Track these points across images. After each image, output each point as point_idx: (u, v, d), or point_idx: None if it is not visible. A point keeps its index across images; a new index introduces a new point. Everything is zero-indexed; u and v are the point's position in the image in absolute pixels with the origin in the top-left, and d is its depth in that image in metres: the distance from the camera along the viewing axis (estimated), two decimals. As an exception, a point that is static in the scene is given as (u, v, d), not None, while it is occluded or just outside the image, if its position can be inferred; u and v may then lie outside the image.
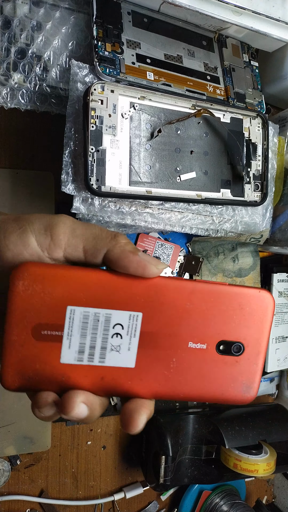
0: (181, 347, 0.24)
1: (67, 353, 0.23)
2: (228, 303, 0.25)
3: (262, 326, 0.25)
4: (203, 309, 0.25)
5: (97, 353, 0.23)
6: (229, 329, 0.25)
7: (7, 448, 0.47)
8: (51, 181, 0.47)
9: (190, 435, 0.52)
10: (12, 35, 0.41)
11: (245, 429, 0.50)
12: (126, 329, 0.24)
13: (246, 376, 0.26)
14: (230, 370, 0.25)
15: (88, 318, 0.23)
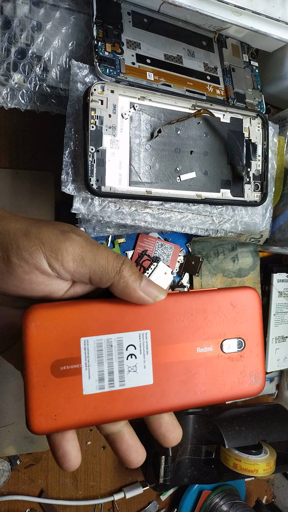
0: (191, 354, 0.26)
1: (88, 384, 0.23)
2: (222, 305, 0.27)
3: (255, 319, 0.27)
4: (202, 315, 0.26)
5: (116, 377, 0.24)
6: (228, 328, 0.27)
7: (7, 448, 0.47)
8: (51, 181, 0.47)
9: (190, 435, 0.52)
10: (12, 35, 0.41)
11: (245, 429, 0.50)
12: (139, 348, 0.25)
13: (252, 368, 0.27)
14: (237, 366, 0.27)
15: (101, 345, 0.24)
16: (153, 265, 0.52)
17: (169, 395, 0.25)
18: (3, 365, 0.46)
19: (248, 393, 0.27)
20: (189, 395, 0.26)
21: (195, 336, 0.26)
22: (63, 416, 0.23)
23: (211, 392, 0.26)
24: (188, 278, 0.55)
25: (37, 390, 0.22)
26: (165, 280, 0.53)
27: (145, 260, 0.52)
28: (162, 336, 0.25)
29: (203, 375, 0.26)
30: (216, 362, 0.26)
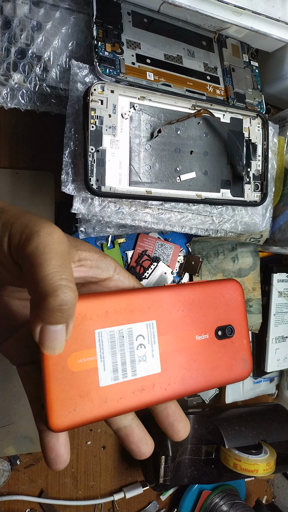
0: (191, 342, 0.27)
1: (104, 376, 0.24)
2: (213, 295, 0.29)
3: (240, 307, 0.30)
4: (198, 305, 0.28)
5: (128, 367, 0.25)
6: (220, 316, 0.29)
7: (7, 448, 0.47)
8: (51, 181, 0.47)
9: (190, 435, 0.52)
10: (12, 35, 0.41)
11: (245, 429, 0.50)
12: (147, 338, 0.26)
13: (242, 352, 0.30)
14: (230, 351, 0.29)
15: (114, 337, 0.24)
16: (153, 265, 0.52)
17: (175, 382, 0.26)
18: (3, 365, 0.46)
19: (240, 376, 0.29)
20: (192, 381, 0.27)
21: (193, 324, 0.27)
22: (82, 411, 0.23)
23: (210, 377, 0.28)
24: (188, 278, 0.55)
25: (57, 386, 0.22)
26: (165, 280, 0.53)
27: (145, 260, 0.52)
28: (166, 326, 0.26)
29: (203, 361, 0.27)
30: (213, 349, 0.28)
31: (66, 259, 0.21)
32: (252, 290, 0.56)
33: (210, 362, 0.28)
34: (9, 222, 0.22)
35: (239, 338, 0.29)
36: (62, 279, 0.20)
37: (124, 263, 0.52)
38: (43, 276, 0.19)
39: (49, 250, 0.20)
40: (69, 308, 0.20)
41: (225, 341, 0.29)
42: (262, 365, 0.58)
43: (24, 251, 0.20)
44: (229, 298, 0.29)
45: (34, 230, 0.20)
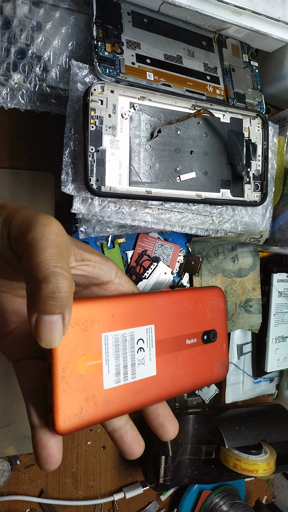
0: (182, 346, 0.28)
1: (107, 378, 0.24)
2: (201, 301, 0.30)
3: (222, 313, 0.32)
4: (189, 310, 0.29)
5: (129, 370, 0.25)
6: (205, 322, 0.30)
7: (7, 448, 0.47)
8: (51, 181, 0.47)
9: (190, 435, 0.52)
10: (12, 35, 0.41)
11: (245, 429, 0.50)
12: (146, 342, 0.26)
13: (221, 355, 0.31)
14: (212, 354, 0.31)
15: (118, 340, 0.25)
16: (153, 265, 0.52)
17: (168, 384, 0.27)
18: (3, 365, 0.46)
19: (219, 377, 0.31)
20: (181, 382, 0.28)
21: (184, 329, 0.29)
22: (87, 413, 0.23)
23: (196, 378, 0.29)
24: (188, 278, 0.55)
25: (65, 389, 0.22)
26: (165, 280, 0.53)
27: (145, 260, 0.52)
28: (161, 330, 0.27)
29: (191, 364, 0.29)
30: (199, 352, 0.29)
31: (62, 249, 0.21)
32: (252, 290, 0.56)
33: (196, 365, 0.29)
34: (8, 216, 0.22)
35: (220, 342, 0.31)
36: (56, 267, 0.19)
37: (124, 263, 0.52)
38: (37, 262, 0.19)
39: (45, 240, 0.20)
40: (62, 296, 0.19)
41: (209, 345, 0.30)
42: (262, 365, 0.58)
43: (23, 241, 0.20)
44: (214, 304, 0.31)
45: (33, 222, 0.21)
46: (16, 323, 0.26)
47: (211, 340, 0.30)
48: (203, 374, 0.30)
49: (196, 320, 0.30)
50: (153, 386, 0.26)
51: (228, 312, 0.55)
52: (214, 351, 0.31)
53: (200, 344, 0.30)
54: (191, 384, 0.29)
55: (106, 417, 0.24)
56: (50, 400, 0.22)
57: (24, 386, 0.25)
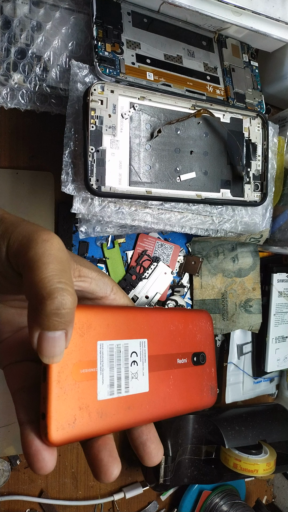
0: (174, 365, 0.28)
1: (102, 389, 0.23)
2: (191, 322, 0.30)
3: (210, 335, 0.31)
4: (180, 329, 0.29)
5: (123, 383, 0.24)
6: (195, 343, 0.30)
7: (7, 448, 0.47)
8: (51, 181, 0.47)
9: (190, 435, 0.52)
10: (12, 35, 0.41)
11: (245, 429, 0.50)
12: (139, 356, 0.26)
13: (210, 380, 0.30)
14: (201, 377, 0.30)
15: (113, 350, 0.24)
16: (153, 265, 0.52)
17: (160, 403, 0.26)
18: (3, 365, 0.46)
19: (207, 403, 0.30)
20: (171, 403, 0.27)
21: (176, 348, 0.28)
22: (80, 424, 0.22)
23: (186, 401, 0.28)
24: (188, 278, 0.55)
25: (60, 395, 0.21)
26: (165, 280, 0.53)
27: (145, 260, 0.52)
28: (154, 346, 0.27)
29: (183, 385, 0.28)
30: (189, 373, 0.29)
31: (65, 264, 0.20)
32: (252, 290, 0.56)
33: (187, 386, 0.28)
34: (7, 231, 0.21)
35: (209, 366, 0.30)
36: (60, 282, 0.19)
37: (124, 263, 0.52)
38: (40, 278, 0.19)
39: (48, 255, 0.20)
40: (67, 312, 0.19)
41: (198, 368, 0.30)
42: (262, 365, 0.58)
43: (23, 257, 0.20)
44: (202, 327, 0.31)
45: (33, 237, 0.20)
46: (9, 332, 0.26)
47: (201, 363, 0.30)
48: (194, 397, 0.29)
49: (186, 340, 0.29)
50: (146, 403, 0.25)
51: (228, 312, 0.55)
52: (204, 375, 0.30)
53: (190, 365, 0.29)
54: (181, 406, 0.28)
55: (98, 431, 0.22)
56: (44, 406, 0.21)
57: (12, 385, 0.25)
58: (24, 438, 0.21)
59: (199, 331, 0.30)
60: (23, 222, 0.22)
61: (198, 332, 0.30)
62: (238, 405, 0.61)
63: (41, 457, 0.21)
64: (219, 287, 0.55)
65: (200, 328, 0.30)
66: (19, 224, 0.22)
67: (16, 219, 0.22)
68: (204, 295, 0.55)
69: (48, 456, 0.21)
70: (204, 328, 0.31)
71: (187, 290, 0.55)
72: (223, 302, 0.55)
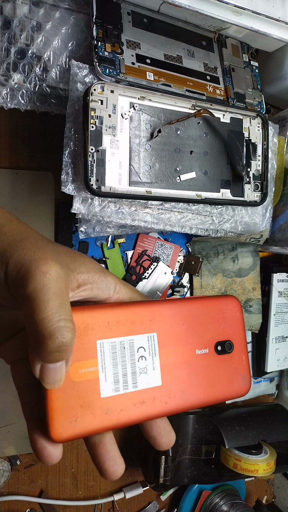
0: (192, 356, 0.27)
1: (105, 386, 0.24)
2: (213, 310, 0.29)
3: (239, 323, 0.30)
4: (198, 319, 0.28)
5: (129, 379, 0.25)
6: (219, 331, 0.29)
7: (7, 448, 0.47)
8: (51, 181, 0.47)
9: (190, 435, 0.52)
10: (12, 35, 0.41)
11: (245, 429, 0.50)
12: (148, 350, 0.26)
13: (241, 368, 0.29)
14: (229, 366, 0.29)
15: (115, 348, 0.24)
16: (153, 265, 0.52)
17: (175, 396, 0.26)
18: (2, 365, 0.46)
19: (238, 393, 0.29)
20: (192, 395, 0.26)
21: (193, 338, 0.27)
22: (83, 421, 0.22)
23: (209, 392, 0.27)
24: (188, 278, 0.55)
25: (59, 394, 0.22)
26: (165, 280, 0.53)
27: (145, 260, 0.52)
28: (166, 339, 0.26)
29: (203, 375, 0.27)
30: (212, 363, 0.28)
31: (64, 296, 0.21)
32: (252, 290, 0.56)
33: (210, 377, 0.27)
34: (5, 254, 0.21)
35: (238, 353, 0.29)
36: (60, 320, 0.20)
37: (124, 263, 0.52)
38: (41, 318, 0.20)
39: (47, 291, 0.20)
40: (67, 347, 0.20)
41: (224, 356, 0.28)
42: (262, 365, 0.58)
43: (22, 291, 0.20)
44: (228, 314, 0.29)
45: (32, 269, 0.20)
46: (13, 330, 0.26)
47: (227, 351, 0.29)
48: (219, 388, 0.28)
49: (208, 329, 0.28)
50: (159, 397, 0.25)
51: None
52: (231, 364, 0.29)
53: (213, 355, 0.28)
54: (205, 397, 0.27)
55: (105, 427, 0.23)
56: (44, 405, 0.22)
57: (17, 382, 0.25)
58: (30, 434, 0.23)
59: (224, 319, 0.29)
60: (21, 243, 0.22)
61: (222, 320, 0.29)
62: (238, 405, 0.61)
63: (47, 452, 0.22)
64: (219, 287, 0.55)
65: (225, 316, 0.29)
66: (17, 246, 0.22)
67: (13, 238, 0.22)
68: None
69: (53, 450, 0.22)
70: (231, 315, 0.29)
71: (187, 290, 0.55)
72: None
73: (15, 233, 0.23)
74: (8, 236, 0.22)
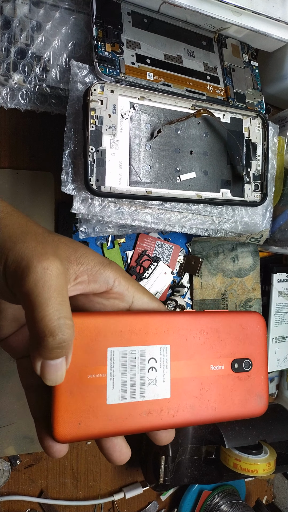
0: (206, 371, 0.27)
1: (112, 394, 0.24)
2: (233, 326, 0.28)
3: (261, 341, 0.29)
4: (216, 334, 0.27)
5: (137, 389, 0.25)
6: (238, 349, 0.28)
7: (7, 448, 0.47)
8: (51, 181, 0.47)
9: (190, 435, 0.52)
10: (12, 35, 0.41)
11: (245, 429, 0.50)
12: (159, 362, 0.25)
13: (258, 388, 0.28)
14: (245, 385, 0.28)
15: (126, 357, 0.24)
16: (153, 265, 0.52)
17: (184, 410, 0.26)
18: (3, 365, 0.46)
19: (253, 413, 0.28)
20: (201, 411, 0.26)
21: (209, 353, 0.27)
22: (87, 425, 0.23)
23: (221, 409, 0.27)
24: (188, 278, 0.55)
25: (65, 397, 0.23)
26: (165, 280, 0.53)
27: (145, 260, 0.52)
28: (180, 352, 0.26)
29: (215, 392, 0.27)
30: (227, 381, 0.27)
31: (64, 293, 0.21)
32: (252, 290, 0.56)
33: (223, 394, 0.27)
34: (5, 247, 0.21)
35: (257, 373, 0.28)
36: (60, 318, 0.20)
37: (124, 263, 0.52)
38: (41, 316, 0.20)
39: (48, 288, 0.20)
40: (67, 344, 0.20)
41: (241, 375, 0.28)
42: (262, 365, 0.58)
43: (21, 287, 0.20)
44: (250, 330, 0.29)
45: (31, 265, 0.20)
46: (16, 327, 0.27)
47: (244, 370, 0.28)
48: (232, 406, 0.27)
49: (225, 345, 0.27)
50: (166, 410, 0.25)
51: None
52: (248, 382, 0.28)
53: (229, 372, 0.27)
54: (215, 414, 0.27)
55: (108, 433, 0.23)
56: (50, 407, 0.23)
57: (23, 380, 0.26)
58: (37, 432, 0.24)
59: (243, 336, 0.28)
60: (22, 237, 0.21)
61: (242, 336, 0.28)
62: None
63: (53, 449, 0.24)
64: (219, 287, 0.55)
65: (246, 332, 0.28)
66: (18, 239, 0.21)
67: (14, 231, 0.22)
68: (204, 295, 0.55)
69: (60, 447, 0.24)
70: (253, 332, 0.28)
71: (187, 290, 0.55)
72: (223, 302, 0.55)
73: (16, 226, 0.22)
74: (8, 229, 0.22)
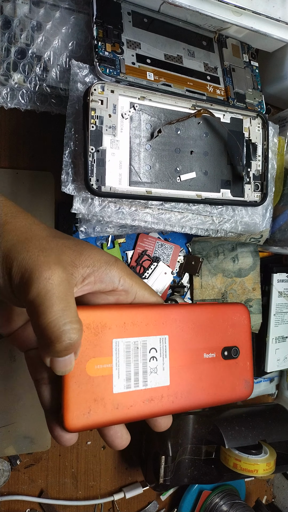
0: (200, 359, 0.29)
1: (118, 383, 0.25)
2: (222, 317, 0.30)
3: (246, 330, 0.31)
4: (208, 324, 0.29)
5: (140, 377, 0.26)
6: (227, 337, 0.30)
7: (7, 448, 0.47)
8: (51, 181, 0.47)
9: (190, 435, 0.52)
10: (12, 35, 0.41)
11: (245, 429, 0.50)
12: (159, 352, 0.27)
13: (244, 373, 0.31)
14: (234, 371, 0.30)
15: (130, 347, 0.26)
16: (153, 265, 0.52)
17: (182, 396, 0.27)
18: (3, 365, 0.46)
19: (240, 397, 0.30)
20: (197, 396, 0.28)
21: (202, 343, 0.29)
22: (95, 414, 0.24)
23: (214, 394, 0.29)
24: (188, 278, 0.55)
25: (74, 388, 0.24)
26: (165, 280, 0.53)
27: (145, 260, 0.52)
28: (177, 342, 0.28)
29: (208, 378, 0.29)
30: (218, 368, 0.29)
31: (68, 298, 0.21)
32: (252, 290, 0.56)
33: (215, 380, 0.29)
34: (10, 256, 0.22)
35: (243, 359, 0.31)
36: (65, 324, 0.20)
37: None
38: (47, 323, 0.20)
39: (50, 296, 0.21)
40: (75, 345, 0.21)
41: (230, 362, 0.30)
42: (262, 365, 0.58)
43: (26, 297, 0.21)
44: (237, 320, 0.31)
45: (35, 275, 0.21)
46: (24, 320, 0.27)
47: (233, 357, 0.30)
48: (223, 391, 0.29)
49: (216, 334, 0.30)
50: (166, 396, 0.27)
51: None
52: (236, 369, 0.30)
53: (220, 359, 0.30)
54: (208, 399, 0.29)
55: (115, 421, 0.25)
56: (60, 398, 0.24)
57: (32, 373, 0.26)
58: (48, 424, 0.25)
59: (231, 325, 0.31)
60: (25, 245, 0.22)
61: (230, 326, 0.30)
62: (238, 405, 0.61)
63: (63, 439, 0.25)
64: (219, 287, 0.55)
65: (233, 322, 0.31)
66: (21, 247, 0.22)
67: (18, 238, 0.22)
68: (204, 295, 0.55)
69: (69, 436, 0.25)
70: (239, 322, 0.31)
71: (187, 290, 0.55)
72: (223, 302, 0.55)
73: (19, 232, 0.23)
74: (12, 236, 0.23)
